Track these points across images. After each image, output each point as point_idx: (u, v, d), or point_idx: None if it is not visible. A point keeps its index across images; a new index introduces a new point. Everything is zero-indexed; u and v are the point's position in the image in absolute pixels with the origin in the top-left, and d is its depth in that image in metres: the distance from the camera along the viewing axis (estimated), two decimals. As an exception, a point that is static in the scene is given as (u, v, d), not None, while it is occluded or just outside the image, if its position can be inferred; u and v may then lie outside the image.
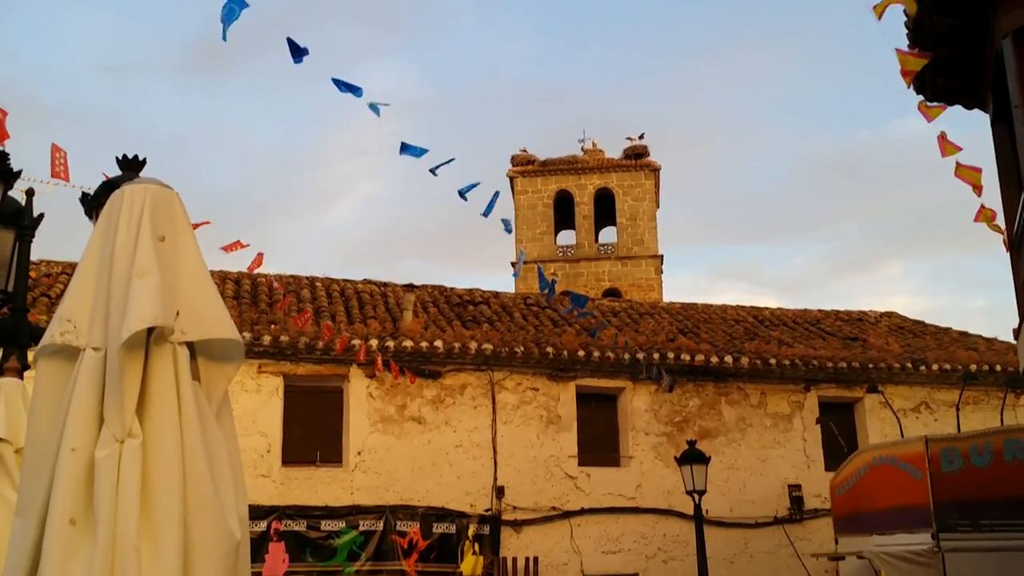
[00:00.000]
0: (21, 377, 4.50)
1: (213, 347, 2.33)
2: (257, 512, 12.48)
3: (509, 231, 11.53)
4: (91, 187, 4.46)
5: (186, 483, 2.17)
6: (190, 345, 2.28)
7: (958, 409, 15.96)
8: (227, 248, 11.89)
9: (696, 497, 13.33)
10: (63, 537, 2.11)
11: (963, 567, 11.80)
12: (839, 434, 16.23)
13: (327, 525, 13.72)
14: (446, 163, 9.48)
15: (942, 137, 7.73)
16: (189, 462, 2.17)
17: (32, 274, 13.57)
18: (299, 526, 13.54)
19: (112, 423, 2.14)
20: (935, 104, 7.87)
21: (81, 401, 2.17)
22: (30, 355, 2.67)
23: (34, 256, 7.37)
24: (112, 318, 2.20)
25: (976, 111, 8.57)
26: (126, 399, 2.15)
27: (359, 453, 14.40)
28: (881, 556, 12.71)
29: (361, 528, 13.90)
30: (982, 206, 7.83)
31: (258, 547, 12.52)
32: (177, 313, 2.24)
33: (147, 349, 2.20)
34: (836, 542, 14.22)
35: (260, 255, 11.35)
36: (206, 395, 2.31)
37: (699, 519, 13.34)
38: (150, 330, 2.19)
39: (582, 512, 15.26)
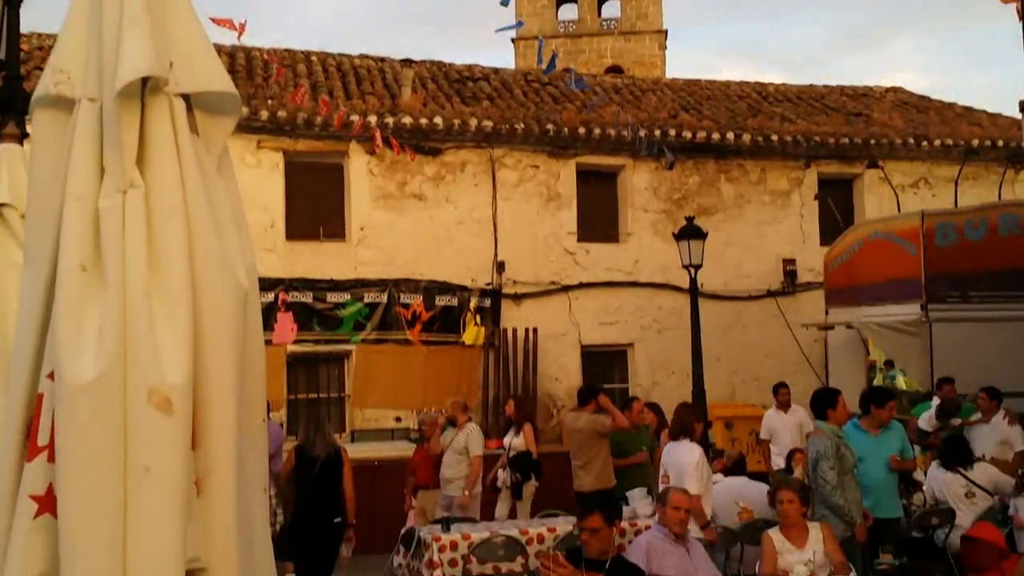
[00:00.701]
0: (21, 143, 4.50)
1: (209, 99, 2.31)
2: (264, 284, 12.76)
3: (506, 4, 11.17)
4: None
5: (191, 232, 2.21)
6: (185, 97, 2.27)
7: (957, 184, 16.02)
8: (218, 22, 11.54)
9: (692, 271, 13.60)
10: (75, 283, 2.16)
11: (949, 336, 12.21)
12: (836, 210, 16.38)
13: (332, 297, 14.10)
14: None
15: None
16: (192, 211, 2.20)
17: (24, 47, 13.24)
18: (305, 297, 13.91)
19: (113, 173, 2.16)
20: None
21: (81, 152, 2.18)
22: (29, 127, 2.67)
23: (25, 29, 7.16)
24: (105, 68, 2.18)
25: None
26: (125, 149, 2.16)
27: (361, 229, 14.58)
28: (869, 326, 13.14)
29: (366, 300, 14.28)
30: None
31: (267, 317, 12.91)
32: (171, 64, 2.22)
33: (143, 100, 2.19)
34: (826, 313, 14.66)
35: (243, 24, 11.02)
36: (205, 148, 2.33)
37: (694, 292, 13.66)
38: (144, 81, 2.18)
39: (580, 286, 15.63)
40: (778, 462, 11.08)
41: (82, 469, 2.06)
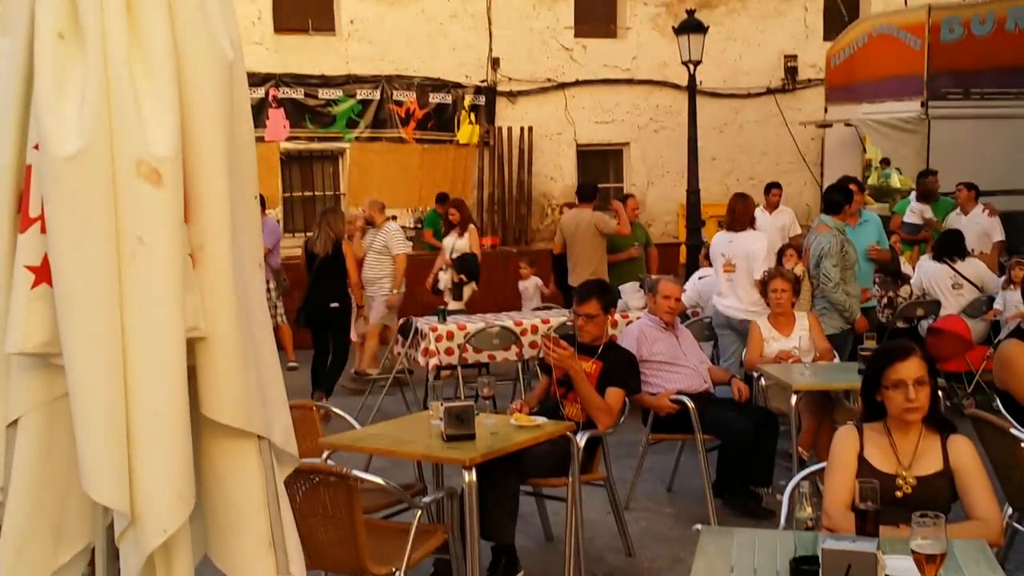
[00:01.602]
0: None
1: None
2: (253, 79, 12.48)
3: None
4: None
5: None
6: None
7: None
8: None
9: (691, 67, 13.29)
10: (54, 52, 2.11)
11: (947, 134, 12.14)
12: (842, 3, 15.91)
13: (324, 93, 13.82)
14: None
15: None
16: (170, -25, 2.13)
17: None
18: (297, 94, 13.64)
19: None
20: None
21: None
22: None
23: None
24: None
25: None
26: (96, -92, 2.06)
27: (352, 22, 14.12)
28: (868, 123, 13.02)
29: (358, 97, 14.02)
30: None
31: (258, 113, 12.66)
32: None
33: None
34: (826, 111, 14.48)
35: None
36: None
37: (692, 89, 13.40)
38: None
39: (576, 84, 15.34)
40: None
41: (74, 240, 2.07)
